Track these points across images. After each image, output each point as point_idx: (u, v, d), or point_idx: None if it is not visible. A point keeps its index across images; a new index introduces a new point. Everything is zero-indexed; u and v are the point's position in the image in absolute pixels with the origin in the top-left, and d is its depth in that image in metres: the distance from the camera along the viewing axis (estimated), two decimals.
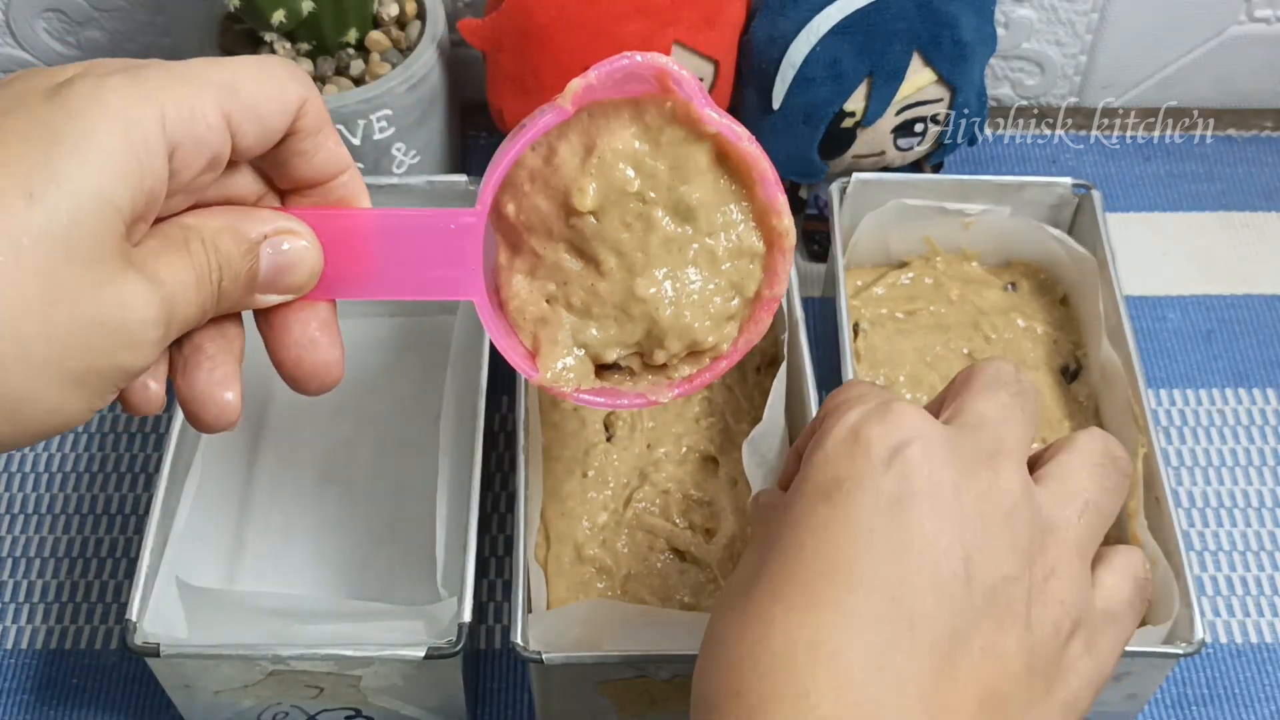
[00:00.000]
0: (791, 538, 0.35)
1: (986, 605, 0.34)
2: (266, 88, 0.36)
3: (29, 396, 0.32)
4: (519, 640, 0.47)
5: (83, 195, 0.31)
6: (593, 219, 0.41)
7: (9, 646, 0.57)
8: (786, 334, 0.55)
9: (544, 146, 0.41)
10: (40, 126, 0.32)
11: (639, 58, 0.39)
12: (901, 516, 0.34)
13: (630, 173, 0.41)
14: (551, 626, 0.48)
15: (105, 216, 0.32)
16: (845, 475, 0.35)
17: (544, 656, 0.47)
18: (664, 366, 0.44)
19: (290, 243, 0.38)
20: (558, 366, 0.43)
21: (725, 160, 0.42)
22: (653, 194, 0.42)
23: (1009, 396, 0.38)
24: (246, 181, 0.39)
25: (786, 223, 0.42)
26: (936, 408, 0.39)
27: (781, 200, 0.42)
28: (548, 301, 0.43)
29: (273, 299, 0.38)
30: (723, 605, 0.37)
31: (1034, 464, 0.39)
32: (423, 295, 0.41)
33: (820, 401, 0.54)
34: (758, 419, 0.56)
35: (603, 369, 0.44)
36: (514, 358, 0.43)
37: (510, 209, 0.42)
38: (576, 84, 0.39)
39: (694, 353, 0.44)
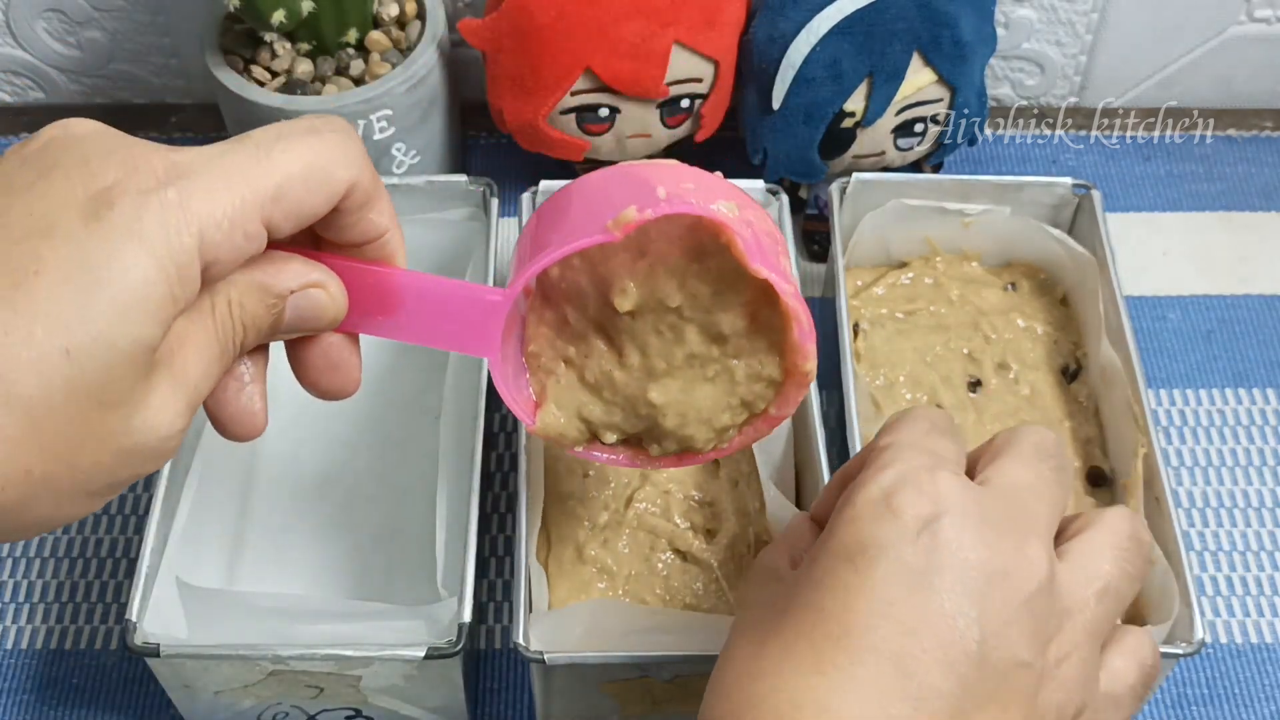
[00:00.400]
0: (812, 596, 0.35)
1: (996, 688, 0.34)
2: (312, 185, 0.35)
3: (46, 516, 0.32)
4: (521, 640, 0.47)
5: (118, 345, 0.31)
6: (629, 318, 0.42)
7: (9, 646, 0.57)
8: None
9: None
10: (78, 263, 0.31)
11: (698, 205, 0.39)
12: (923, 592, 0.34)
13: (674, 287, 0.42)
14: (553, 627, 0.48)
15: (138, 359, 0.32)
16: (872, 541, 0.35)
17: (546, 657, 0.47)
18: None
19: (316, 294, 0.37)
20: (554, 428, 0.44)
21: (767, 297, 0.42)
22: (690, 312, 0.42)
23: (1049, 470, 0.38)
24: None
25: (810, 366, 0.43)
26: (975, 458, 0.40)
27: (811, 348, 0.42)
28: (564, 362, 0.43)
29: (293, 335, 0.39)
30: (733, 651, 0.37)
31: (1060, 531, 0.39)
32: (440, 347, 0.42)
33: (822, 401, 0.54)
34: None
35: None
36: (516, 408, 0.43)
37: (554, 272, 0.42)
38: (632, 215, 0.39)
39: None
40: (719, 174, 0.43)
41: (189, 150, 0.34)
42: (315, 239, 0.39)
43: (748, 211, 0.41)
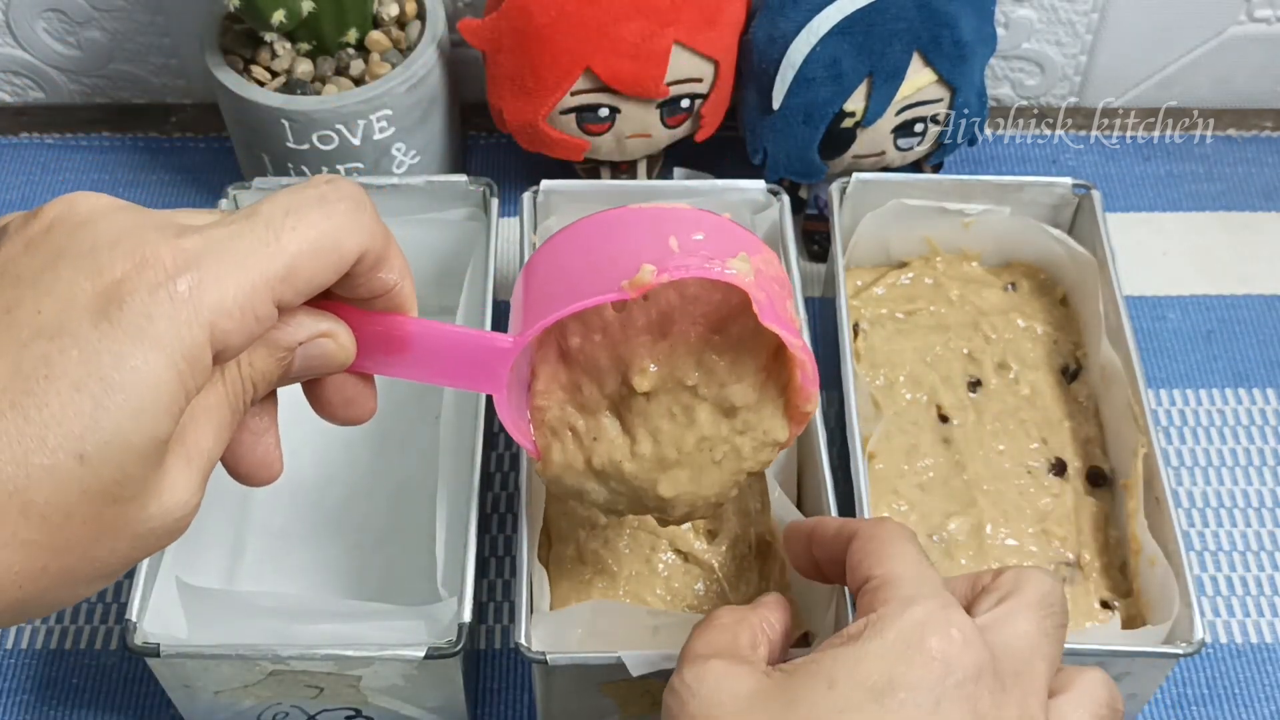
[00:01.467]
0: None
1: None
2: (322, 259, 0.34)
3: (60, 602, 0.32)
4: (523, 641, 0.47)
5: (131, 445, 0.31)
6: (644, 399, 0.43)
7: (9, 646, 0.57)
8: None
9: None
10: (89, 368, 0.30)
11: (716, 268, 0.40)
12: None
13: (692, 364, 0.42)
14: (554, 627, 0.48)
15: (151, 453, 0.32)
16: (904, 682, 0.35)
17: (548, 657, 0.47)
18: None
19: (324, 343, 0.37)
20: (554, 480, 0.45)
21: (776, 346, 0.43)
22: (704, 389, 0.43)
23: (1052, 627, 0.39)
24: None
25: (811, 407, 0.43)
26: (979, 587, 0.40)
27: (815, 392, 0.43)
28: (571, 432, 0.44)
29: (302, 380, 0.39)
30: None
31: None
32: (447, 385, 0.43)
33: (822, 401, 0.54)
34: None
35: None
36: (524, 440, 0.44)
37: (574, 342, 0.43)
38: (648, 277, 0.39)
39: None
40: (727, 216, 0.43)
41: (197, 233, 0.33)
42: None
43: (757, 258, 0.41)
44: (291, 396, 0.61)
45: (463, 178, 0.60)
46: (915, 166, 0.67)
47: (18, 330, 0.31)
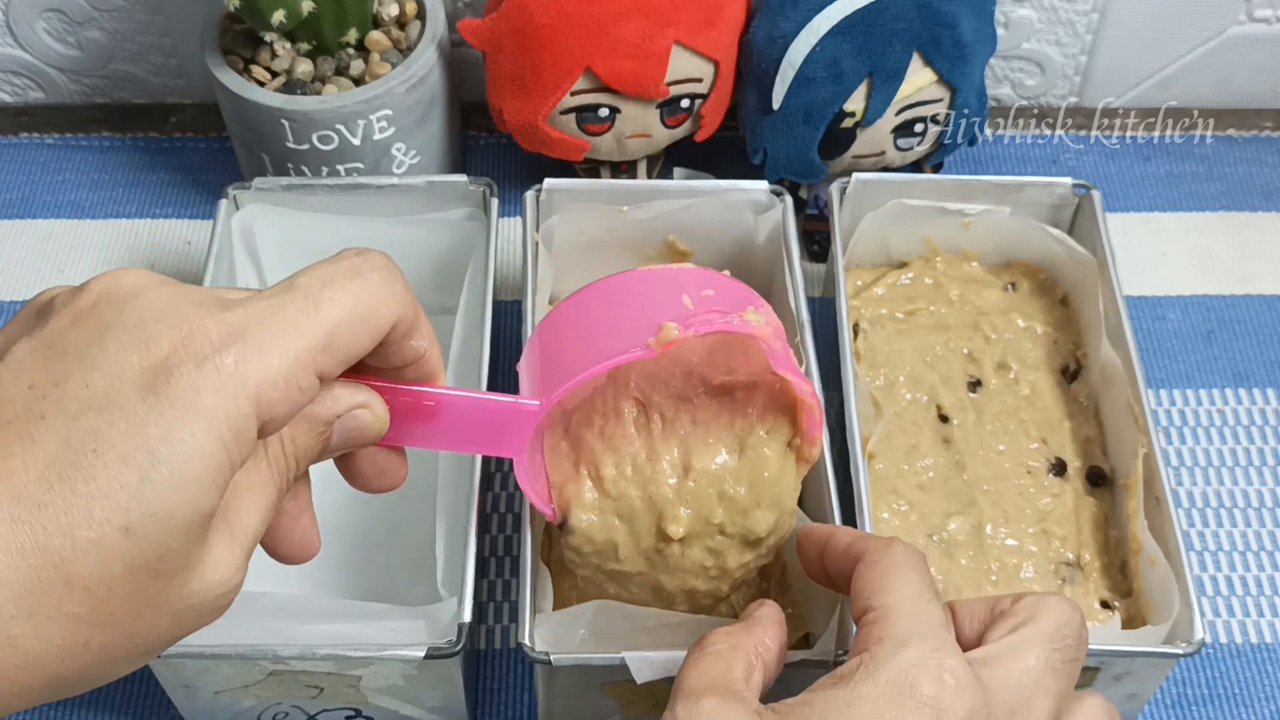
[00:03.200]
0: None
1: None
2: (359, 329, 0.35)
3: (100, 678, 0.33)
4: (527, 641, 0.47)
5: (176, 518, 0.31)
6: (678, 547, 0.46)
7: None
8: (799, 338, 0.55)
9: (644, 446, 0.45)
10: (136, 442, 0.31)
11: (735, 321, 0.42)
12: None
13: (716, 499, 0.45)
14: (558, 627, 0.48)
15: (195, 527, 0.32)
16: None
17: (552, 657, 0.47)
18: None
19: (361, 414, 0.38)
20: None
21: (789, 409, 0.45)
22: (730, 524, 0.46)
23: (1061, 662, 0.38)
24: None
25: (817, 451, 0.46)
26: (996, 612, 0.40)
27: (821, 436, 0.46)
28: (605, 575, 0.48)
29: (338, 454, 0.39)
30: None
31: None
32: (473, 452, 0.45)
33: (825, 403, 0.54)
34: None
35: None
36: (543, 507, 0.45)
37: (608, 475, 0.45)
38: (673, 333, 0.41)
39: None
40: (726, 272, 0.45)
41: (239, 306, 0.33)
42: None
43: (764, 309, 0.44)
44: None
45: (463, 178, 0.60)
46: (915, 166, 0.67)
47: (66, 404, 0.31)
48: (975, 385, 0.60)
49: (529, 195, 0.59)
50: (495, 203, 0.60)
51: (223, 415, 0.32)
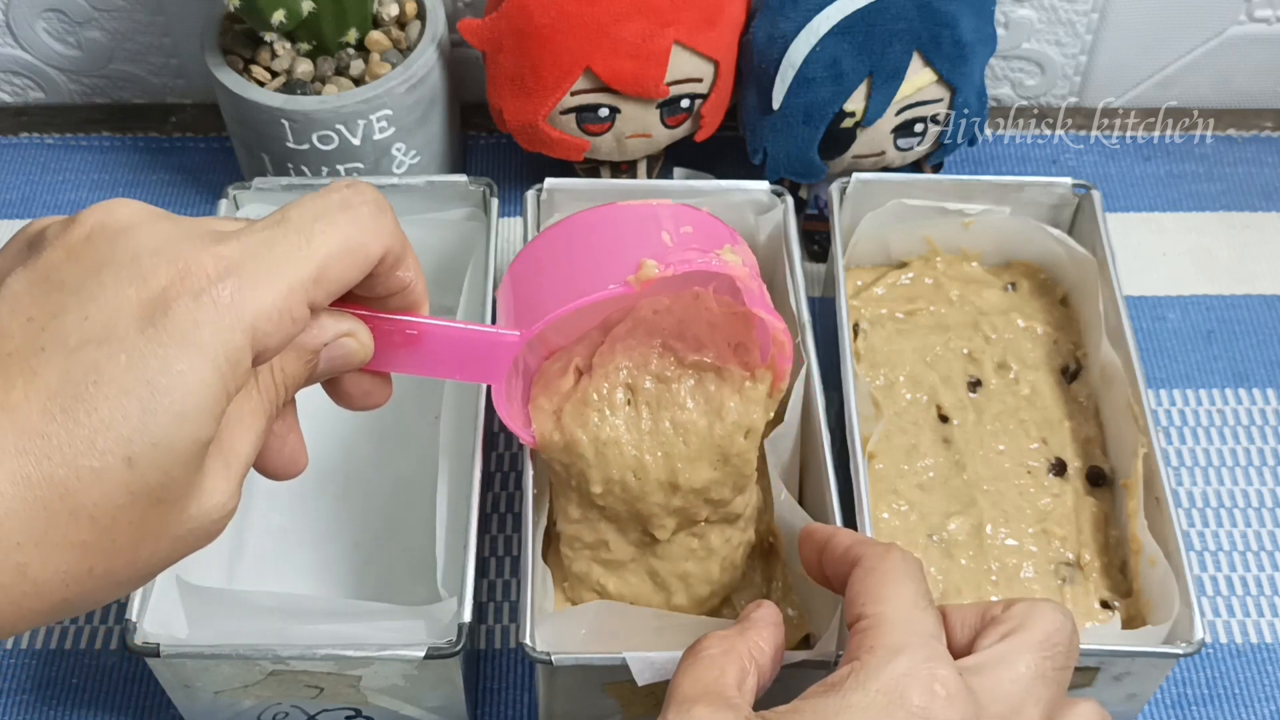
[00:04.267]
0: None
1: None
2: (349, 261, 0.36)
3: (99, 603, 0.33)
4: (528, 641, 0.47)
5: (176, 448, 0.32)
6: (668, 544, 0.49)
7: (9, 646, 0.57)
8: (799, 338, 0.55)
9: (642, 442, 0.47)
10: (136, 374, 0.31)
11: (713, 261, 0.43)
12: None
13: (700, 503, 0.48)
14: (559, 627, 0.48)
15: (194, 456, 0.33)
16: None
17: (553, 658, 0.47)
18: None
19: (347, 343, 0.39)
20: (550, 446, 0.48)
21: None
22: (715, 515, 0.49)
23: (1051, 670, 0.38)
24: None
25: (785, 384, 0.48)
26: (986, 618, 0.40)
27: (788, 370, 0.47)
28: (589, 550, 0.50)
29: (323, 379, 0.40)
30: None
31: None
32: (453, 379, 0.45)
33: (826, 404, 0.54)
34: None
35: None
36: (521, 433, 0.47)
37: (605, 495, 0.47)
38: (652, 271, 0.42)
39: None
40: (706, 210, 0.46)
41: (234, 240, 0.34)
42: None
43: (740, 247, 0.45)
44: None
45: (463, 178, 0.60)
46: (915, 166, 0.67)
47: (65, 337, 0.31)
48: (975, 385, 0.60)
49: (529, 195, 0.59)
50: (495, 203, 0.60)
51: (220, 348, 0.32)
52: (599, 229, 0.45)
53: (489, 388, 0.52)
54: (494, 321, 0.49)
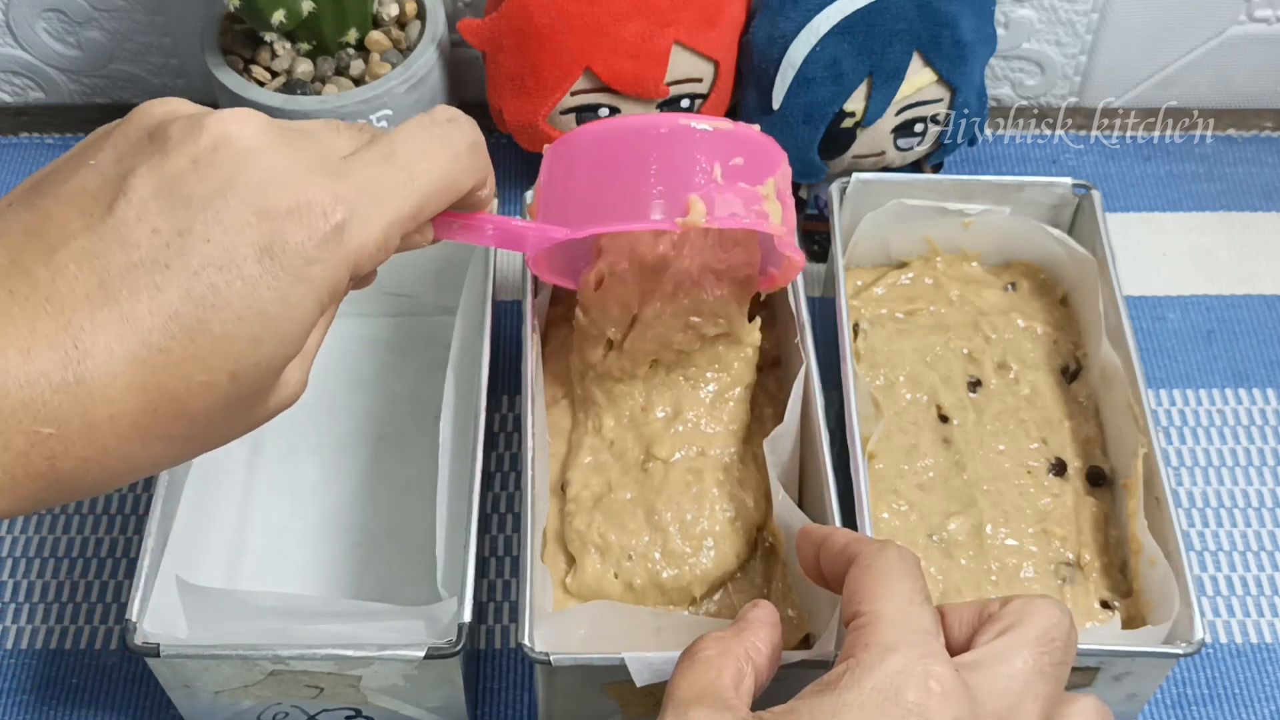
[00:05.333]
0: None
1: None
2: (444, 198, 0.40)
3: (168, 466, 0.37)
4: (527, 641, 0.47)
5: (274, 366, 0.36)
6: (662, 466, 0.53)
7: (9, 646, 0.57)
8: (799, 338, 0.55)
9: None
10: (250, 302, 0.34)
11: (758, 221, 0.46)
12: None
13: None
14: (557, 628, 0.48)
15: (281, 369, 0.36)
16: None
17: (552, 658, 0.47)
18: None
19: (413, 239, 0.41)
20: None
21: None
22: (713, 451, 0.54)
23: (1049, 665, 0.38)
24: None
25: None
26: (983, 616, 0.40)
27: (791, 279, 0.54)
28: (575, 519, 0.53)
29: None
30: None
31: None
32: (498, 248, 0.49)
33: (826, 404, 0.54)
34: (761, 419, 0.57)
35: None
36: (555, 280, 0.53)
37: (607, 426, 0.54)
38: (699, 218, 0.45)
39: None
40: (756, 127, 0.48)
41: (348, 177, 0.36)
42: None
43: (778, 175, 0.48)
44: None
45: None
46: (915, 166, 0.67)
47: (188, 256, 0.34)
48: (975, 385, 0.60)
49: (529, 195, 0.59)
50: (495, 203, 0.59)
51: (326, 284, 0.36)
52: (660, 146, 0.46)
53: (486, 391, 0.52)
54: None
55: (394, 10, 0.67)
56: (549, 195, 0.48)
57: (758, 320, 0.55)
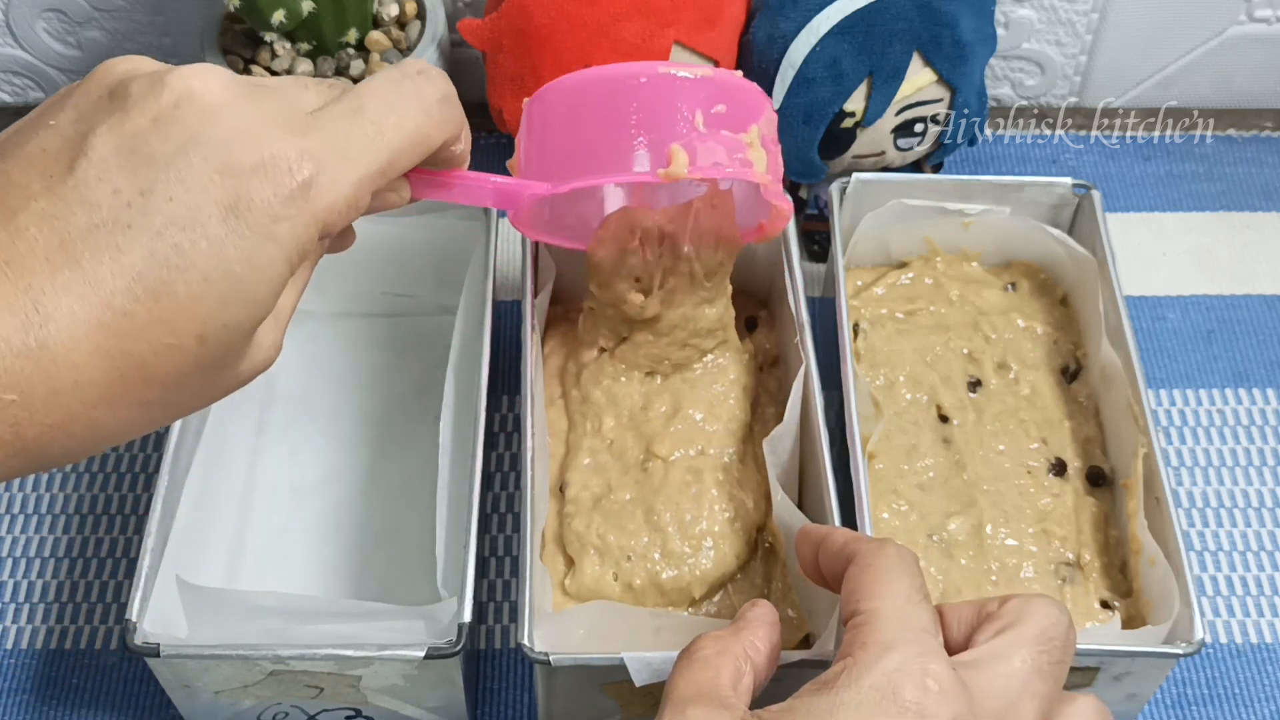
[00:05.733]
0: None
1: None
2: (415, 153, 0.38)
3: (142, 434, 0.36)
4: (526, 641, 0.47)
5: (244, 328, 0.35)
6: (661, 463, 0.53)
7: (9, 646, 0.57)
8: (799, 338, 0.55)
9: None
10: (216, 263, 0.33)
11: (742, 170, 0.45)
12: None
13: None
14: (557, 628, 0.48)
15: (251, 331, 0.35)
16: None
17: (551, 658, 0.47)
18: None
19: (387, 198, 0.41)
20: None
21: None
22: (712, 450, 0.54)
23: (1048, 664, 0.38)
24: None
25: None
26: (982, 615, 0.40)
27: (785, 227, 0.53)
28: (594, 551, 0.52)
29: None
30: None
31: None
32: (479, 205, 0.46)
33: (826, 404, 0.54)
34: (763, 420, 0.57)
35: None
36: (538, 236, 0.51)
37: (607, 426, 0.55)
38: (681, 169, 0.44)
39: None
40: (739, 73, 0.47)
41: (315, 132, 0.35)
42: None
43: (762, 121, 0.46)
44: (291, 398, 0.61)
45: None
46: (915, 166, 0.67)
47: (151, 216, 0.33)
48: (975, 385, 0.60)
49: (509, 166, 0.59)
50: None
51: (293, 240, 0.34)
52: (641, 95, 0.45)
53: (489, 367, 0.52)
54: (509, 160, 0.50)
55: (394, 10, 0.67)
56: (529, 150, 0.47)
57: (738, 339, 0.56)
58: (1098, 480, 0.58)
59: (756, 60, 0.64)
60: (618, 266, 0.52)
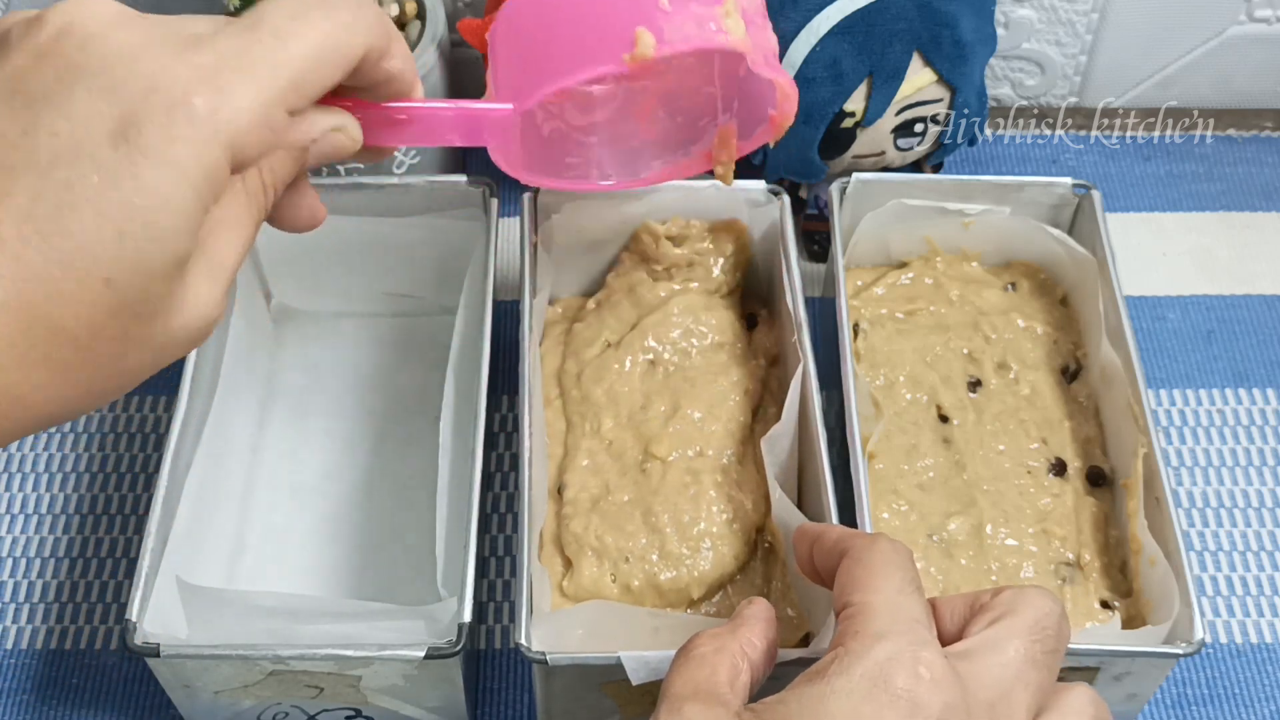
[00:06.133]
0: None
1: None
2: (329, 63, 0.35)
3: (89, 409, 0.34)
4: (524, 641, 0.47)
5: (154, 266, 0.32)
6: (659, 463, 0.53)
7: (9, 646, 0.57)
8: (798, 337, 0.55)
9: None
10: (111, 194, 0.31)
11: (715, 35, 0.42)
12: None
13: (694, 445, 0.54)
14: (555, 627, 0.48)
15: (173, 270, 0.32)
16: None
17: (548, 657, 0.47)
18: None
19: (336, 137, 0.38)
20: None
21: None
22: (711, 451, 0.54)
23: (1041, 654, 0.38)
24: None
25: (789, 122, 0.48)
26: (976, 606, 0.40)
27: (793, 113, 0.48)
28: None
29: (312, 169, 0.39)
30: None
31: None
32: (450, 144, 0.44)
33: (822, 401, 0.54)
34: (764, 420, 0.57)
35: None
36: (520, 175, 0.48)
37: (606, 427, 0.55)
38: (649, 50, 0.40)
39: None
40: None
41: (208, 46, 0.33)
42: None
43: None
44: (292, 397, 0.61)
45: (462, 178, 0.60)
46: (915, 166, 0.67)
47: (35, 154, 0.31)
48: (975, 385, 0.60)
49: (526, 197, 0.59)
50: (495, 203, 0.60)
51: (195, 164, 0.32)
52: None
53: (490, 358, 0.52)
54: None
55: (394, 10, 0.67)
56: (496, 77, 0.44)
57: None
58: (1098, 480, 0.58)
59: None
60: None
